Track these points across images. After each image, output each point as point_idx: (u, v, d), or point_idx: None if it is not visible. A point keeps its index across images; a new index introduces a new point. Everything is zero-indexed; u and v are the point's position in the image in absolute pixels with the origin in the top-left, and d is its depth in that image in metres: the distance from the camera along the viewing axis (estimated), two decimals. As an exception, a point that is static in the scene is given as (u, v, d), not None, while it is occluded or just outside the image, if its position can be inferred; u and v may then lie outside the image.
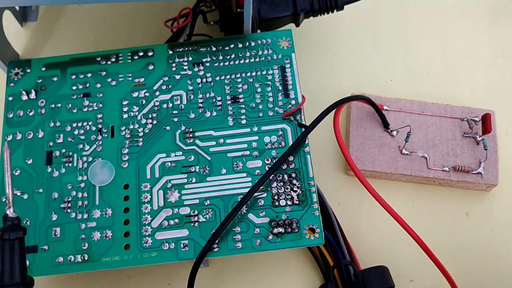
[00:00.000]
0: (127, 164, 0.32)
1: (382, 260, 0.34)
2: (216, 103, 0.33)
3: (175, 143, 0.32)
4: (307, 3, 0.37)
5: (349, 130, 0.37)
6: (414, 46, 0.42)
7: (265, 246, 0.30)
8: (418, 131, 0.37)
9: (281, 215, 0.30)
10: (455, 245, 0.36)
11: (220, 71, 0.34)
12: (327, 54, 0.41)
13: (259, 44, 0.35)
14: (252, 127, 0.32)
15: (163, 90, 0.34)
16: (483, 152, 0.36)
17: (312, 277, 0.35)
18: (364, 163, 0.36)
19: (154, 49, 0.35)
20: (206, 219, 0.30)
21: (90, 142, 0.33)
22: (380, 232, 0.36)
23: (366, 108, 0.37)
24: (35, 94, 0.34)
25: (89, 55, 0.35)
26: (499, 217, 0.37)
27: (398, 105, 0.38)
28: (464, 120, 0.37)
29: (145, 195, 0.31)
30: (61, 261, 0.30)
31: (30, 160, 0.32)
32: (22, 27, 0.42)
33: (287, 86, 0.33)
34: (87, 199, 0.31)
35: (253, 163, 0.32)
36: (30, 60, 0.35)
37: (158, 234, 0.30)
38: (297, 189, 0.31)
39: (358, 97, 0.35)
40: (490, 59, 0.41)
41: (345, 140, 0.38)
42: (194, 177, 0.31)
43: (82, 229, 0.31)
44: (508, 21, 0.43)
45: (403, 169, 0.36)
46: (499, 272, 0.35)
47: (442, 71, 0.41)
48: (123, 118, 0.33)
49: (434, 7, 0.43)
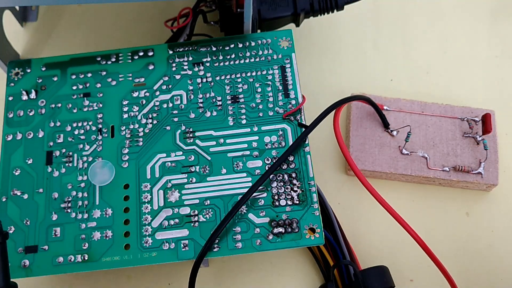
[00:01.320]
0: (127, 164, 0.32)
1: (382, 260, 0.34)
2: (216, 103, 0.33)
3: (175, 143, 0.32)
4: (307, 3, 0.37)
5: (349, 130, 0.37)
6: (414, 46, 0.42)
7: (265, 246, 0.30)
8: (418, 131, 0.37)
9: (281, 215, 0.30)
10: (455, 245, 0.36)
11: (220, 71, 0.34)
12: (327, 54, 0.41)
13: (259, 44, 0.35)
14: (252, 127, 0.32)
15: (163, 90, 0.34)
16: (483, 152, 0.36)
17: (312, 277, 0.35)
18: (364, 163, 0.36)
19: (154, 49, 0.35)
20: (206, 219, 0.30)
21: (90, 142, 0.33)
22: (380, 232, 0.36)
23: (366, 108, 0.37)
24: (35, 94, 0.34)
25: (89, 55, 0.35)
26: (499, 217, 0.37)
27: (398, 105, 0.38)
28: (464, 120, 0.37)
29: (145, 195, 0.31)
30: (61, 261, 0.30)
31: (30, 160, 0.32)
32: (22, 27, 0.42)
33: (287, 86, 0.33)
34: (87, 199, 0.31)
35: (253, 163, 0.32)
36: (30, 60, 0.35)
37: (158, 234, 0.30)
38: (297, 189, 0.31)
39: (358, 97, 0.35)
40: (490, 59, 0.41)
41: (345, 140, 0.38)
42: (194, 177, 0.31)
43: (82, 229, 0.31)
44: (508, 21, 0.43)
45: (403, 169, 0.36)
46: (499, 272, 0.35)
47: (442, 71, 0.41)
48: (123, 118, 0.33)
49: (434, 7, 0.43)
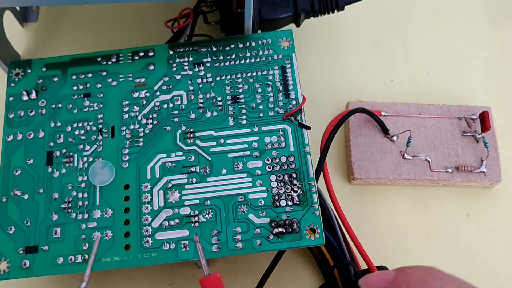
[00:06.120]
0: (127, 164, 0.32)
1: (382, 260, 0.34)
2: (217, 103, 0.33)
3: (175, 143, 0.32)
4: (307, 3, 0.37)
5: (349, 139, 0.37)
6: (414, 46, 0.42)
7: (266, 247, 0.30)
8: (417, 134, 0.37)
9: (282, 215, 0.30)
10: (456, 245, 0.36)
11: (221, 71, 0.34)
12: (327, 54, 0.41)
13: (260, 44, 0.35)
14: (252, 127, 0.32)
15: (164, 90, 0.34)
16: (484, 150, 0.36)
17: (312, 277, 0.35)
18: (368, 171, 0.36)
19: (154, 49, 0.35)
20: (207, 220, 0.30)
21: (90, 142, 0.33)
22: (381, 232, 0.36)
23: (364, 115, 0.37)
24: (36, 94, 0.34)
25: (89, 56, 0.35)
26: (499, 218, 0.37)
27: (396, 109, 0.38)
28: (462, 119, 0.37)
29: (146, 195, 0.31)
30: (62, 261, 0.30)
31: (30, 160, 0.32)
32: (23, 27, 0.42)
33: (287, 86, 0.33)
34: (88, 199, 0.31)
35: (254, 164, 0.32)
36: (30, 61, 0.35)
37: (158, 235, 0.30)
38: (297, 189, 0.31)
39: (355, 111, 0.35)
40: (491, 59, 0.41)
41: (346, 149, 0.38)
42: (195, 177, 0.31)
43: (83, 229, 0.31)
44: (508, 21, 0.43)
45: (406, 174, 0.36)
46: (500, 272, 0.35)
47: (443, 72, 0.41)
48: (124, 118, 0.33)
49: (434, 8, 0.43)
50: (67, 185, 0.32)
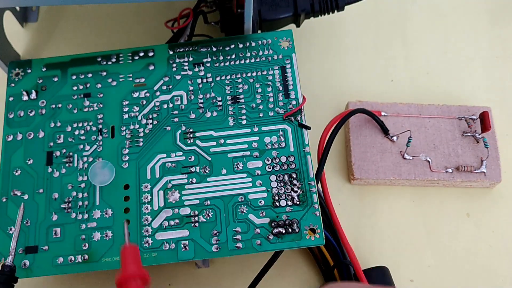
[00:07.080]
0: (127, 164, 0.32)
1: (382, 260, 0.34)
2: (217, 104, 0.33)
3: (175, 144, 0.32)
4: (307, 3, 0.37)
5: (349, 139, 0.37)
6: (415, 46, 0.42)
7: (266, 247, 0.30)
8: (417, 134, 0.37)
9: (282, 216, 0.30)
10: (456, 245, 0.36)
11: (221, 71, 0.34)
12: (327, 54, 0.41)
13: (260, 44, 0.35)
14: (252, 127, 0.32)
15: (164, 90, 0.34)
16: (484, 150, 0.36)
17: (312, 277, 0.35)
18: (368, 171, 0.36)
19: (154, 49, 0.35)
20: (207, 220, 0.30)
21: (90, 142, 0.33)
22: (380, 232, 0.36)
23: (363, 116, 0.37)
24: (36, 94, 0.34)
25: (89, 56, 0.35)
26: (499, 218, 0.37)
27: (396, 109, 0.38)
28: (462, 119, 0.37)
29: (146, 195, 0.31)
30: (62, 262, 0.30)
31: (30, 160, 0.32)
32: (23, 27, 0.42)
33: (287, 87, 0.33)
34: (88, 200, 0.31)
35: (254, 164, 0.32)
36: (30, 61, 0.35)
37: (158, 235, 0.30)
38: (297, 189, 0.31)
39: (356, 111, 0.35)
40: (491, 59, 0.41)
41: (346, 149, 0.38)
42: (195, 177, 0.31)
43: (83, 230, 0.31)
44: (508, 22, 0.43)
45: (407, 174, 0.36)
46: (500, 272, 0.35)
47: (443, 72, 0.41)
48: (124, 118, 0.33)
49: (434, 8, 0.43)
50: (67, 185, 0.32)
